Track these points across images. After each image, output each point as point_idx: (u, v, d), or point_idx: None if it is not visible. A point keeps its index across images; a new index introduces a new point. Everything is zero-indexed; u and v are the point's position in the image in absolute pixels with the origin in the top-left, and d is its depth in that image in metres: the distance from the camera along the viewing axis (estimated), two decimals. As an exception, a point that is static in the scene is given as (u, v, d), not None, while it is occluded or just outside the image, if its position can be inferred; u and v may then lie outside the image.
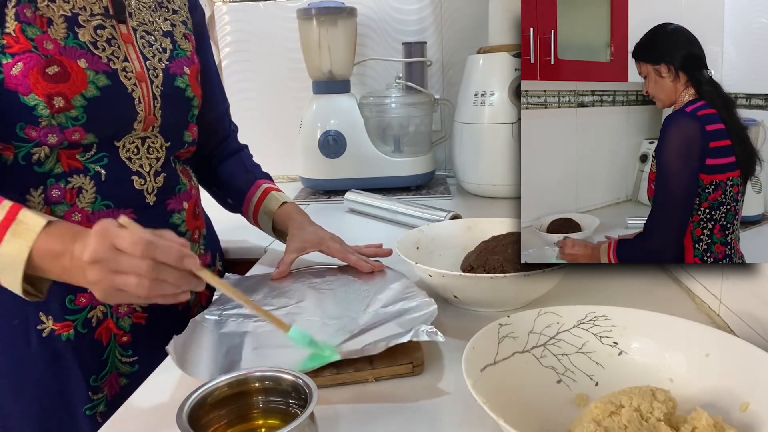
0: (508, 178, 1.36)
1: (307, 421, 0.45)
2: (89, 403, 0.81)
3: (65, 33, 0.73)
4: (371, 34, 1.69)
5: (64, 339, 0.79)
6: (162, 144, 0.85)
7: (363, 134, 1.48)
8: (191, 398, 0.48)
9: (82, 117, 0.74)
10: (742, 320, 0.66)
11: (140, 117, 0.80)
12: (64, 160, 0.76)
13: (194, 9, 0.96)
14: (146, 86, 0.81)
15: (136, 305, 0.83)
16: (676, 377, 0.54)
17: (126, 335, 0.83)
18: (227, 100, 1.08)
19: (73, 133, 0.74)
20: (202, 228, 0.95)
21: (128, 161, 0.81)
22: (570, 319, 0.60)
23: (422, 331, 0.62)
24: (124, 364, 0.84)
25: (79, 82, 0.73)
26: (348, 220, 1.31)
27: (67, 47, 0.73)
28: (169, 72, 0.85)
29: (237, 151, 1.08)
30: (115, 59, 0.78)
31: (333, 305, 0.75)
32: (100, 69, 0.75)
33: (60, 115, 0.72)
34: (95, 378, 0.81)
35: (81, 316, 0.79)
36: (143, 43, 0.83)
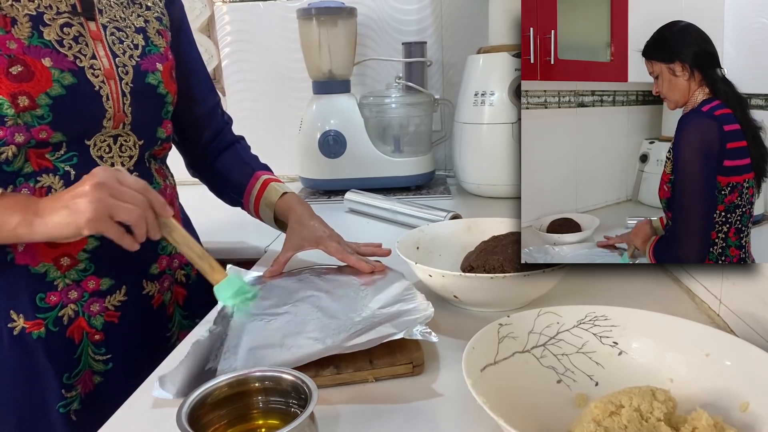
0: (508, 178, 1.36)
1: (307, 421, 0.45)
2: (62, 401, 0.81)
3: (29, 32, 0.74)
4: (371, 34, 1.69)
5: (35, 337, 0.79)
6: (135, 142, 0.85)
7: (363, 134, 1.48)
8: (191, 398, 0.48)
9: (47, 115, 0.74)
10: (742, 320, 0.66)
11: (109, 114, 0.80)
12: (34, 159, 0.76)
13: (171, 4, 0.95)
14: (115, 83, 0.80)
15: (108, 303, 0.83)
16: (676, 377, 0.54)
17: (98, 333, 0.83)
18: (217, 94, 1.07)
19: (40, 131, 0.74)
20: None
21: (99, 160, 0.81)
22: (570, 319, 0.60)
23: (416, 331, 0.61)
24: (98, 362, 0.84)
25: (44, 81, 0.73)
26: (348, 220, 1.31)
27: (31, 46, 0.73)
28: (141, 69, 0.85)
29: (232, 144, 1.07)
30: (82, 57, 0.78)
31: (331, 305, 0.75)
32: (66, 67, 0.75)
33: (25, 114, 0.72)
34: (68, 376, 0.81)
35: (52, 315, 0.79)
36: (113, 40, 0.82)
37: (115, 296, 0.84)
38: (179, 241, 0.75)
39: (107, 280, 0.83)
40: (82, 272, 0.81)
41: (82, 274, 0.81)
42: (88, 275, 0.81)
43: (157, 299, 0.90)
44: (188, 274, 0.98)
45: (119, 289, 0.84)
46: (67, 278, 0.80)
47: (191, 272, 0.98)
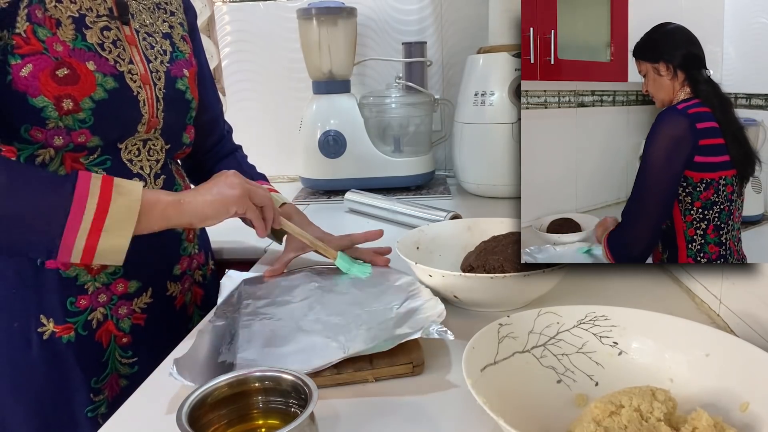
0: (508, 178, 1.36)
1: (307, 421, 0.45)
2: (90, 405, 0.81)
3: (73, 35, 0.73)
4: (371, 34, 1.69)
5: (65, 341, 0.79)
6: (162, 146, 0.86)
7: (363, 134, 1.48)
8: (191, 398, 0.48)
9: (89, 119, 0.73)
10: (742, 320, 0.66)
11: (144, 119, 0.80)
12: (68, 163, 0.76)
13: (188, 10, 0.96)
14: (150, 89, 0.81)
15: (135, 306, 0.84)
16: (676, 377, 0.54)
17: (126, 336, 0.83)
18: (220, 101, 1.08)
19: (79, 135, 0.74)
20: (197, 228, 0.96)
21: (129, 163, 0.81)
22: (570, 319, 0.60)
23: (433, 330, 0.62)
24: (124, 366, 0.84)
25: (88, 85, 0.73)
26: (348, 220, 1.30)
27: (75, 49, 0.72)
28: (171, 74, 0.85)
29: (232, 152, 1.08)
30: (121, 61, 0.77)
31: (337, 304, 0.75)
32: (108, 71, 0.75)
33: (68, 117, 0.72)
34: (96, 380, 0.81)
35: (81, 319, 0.79)
36: (145, 45, 0.83)
37: (141, 298, 0.85)
38: (295, 230, 0.86)
39: (135, 282, 0.83)
40: (111, 275, 0.81)
41: (112, 277, 0.81)
42: (117, 278, 0.81)
43: (180, 300, 0.91)
44: (205, 275, 0.98)
45: (146, 291, 0.85)
46: (97, 281, 0.80)
47: (207, 272, 0.99)
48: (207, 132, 1.02)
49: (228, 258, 1.13)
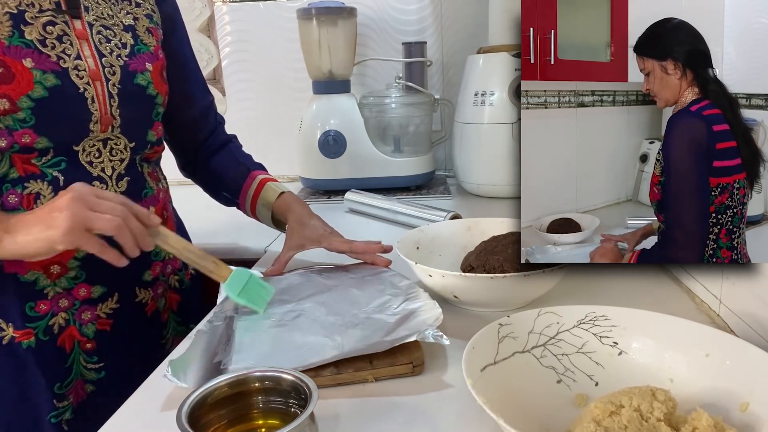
0: (508, 178, 1.36)
1: (307, 421, 0.45)
2: (54, 411, 0.79)
3: (10, 32, 0.70)
4: (371, 34, 1.69)
5: (25, 347, 0.77)
6: (126, 145, 0.82)
7: (363, 134, 1.48)
8: (191, 398, 0.48)
9: (30, 119, 0.71)
10: (742, 320, 0.66)
11: (95, 117, 0.77)
12: (20, 164, 0.74)
13: (163, 1, 0.91)
14: (101, 84, 0.77)
15: (99, 311, 0.82)
16: (676, 377, 0.54)
17: (90, 342, 0.81)
18: (210, 93, 1.04)
19: (23, 135, 0.72)
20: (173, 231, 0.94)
21: (89, 165, 0.79)
22: (570, 319, 0.60)
23: (429, 334, 0.62)
24: (90, 371, 0.82)
25: (24, 83, 0.70)
26: (348, 220, 1.30)
27: (11, 47, 0.70)
28: (129, 69, 0.81)
29: (225, 143, 1.04)
30: (66, 57, 0.74)
31: (335, 304, 0.75)
32: (48, 68, 0.72)
33: (6, 118, 0.70)
34: (60, 385, 0.79)
35: (42, 324, 0.78)
36: (100, 39, 0.79)
37: (107, 304, 0.82)
38: (176, 247, 0.73)
39: (99, 287, 0.81)
40: (72, 280, 0.79)
41: (73, 281, 0.79)
42: (79, 283, 0.79)
43: (151, 306, 0.89)
44: (182, 280, 0.96)
45: (111, 296, 0.83)
46: (57, 286, 0.78)
47: (185, 277, 0.97)
48: (197, 126, 0.99)
49: (226, 259, 1.12)
